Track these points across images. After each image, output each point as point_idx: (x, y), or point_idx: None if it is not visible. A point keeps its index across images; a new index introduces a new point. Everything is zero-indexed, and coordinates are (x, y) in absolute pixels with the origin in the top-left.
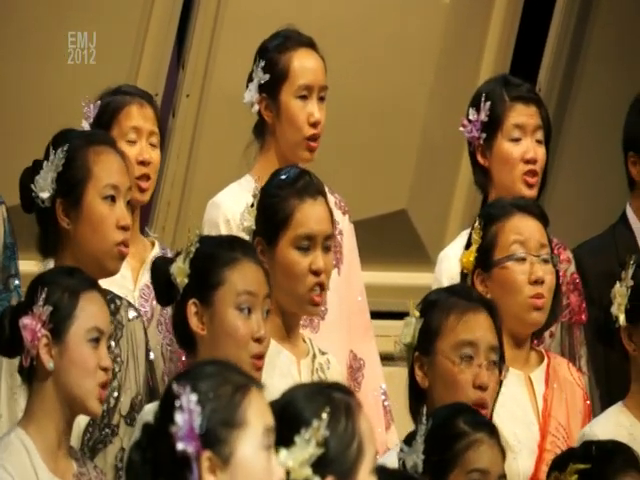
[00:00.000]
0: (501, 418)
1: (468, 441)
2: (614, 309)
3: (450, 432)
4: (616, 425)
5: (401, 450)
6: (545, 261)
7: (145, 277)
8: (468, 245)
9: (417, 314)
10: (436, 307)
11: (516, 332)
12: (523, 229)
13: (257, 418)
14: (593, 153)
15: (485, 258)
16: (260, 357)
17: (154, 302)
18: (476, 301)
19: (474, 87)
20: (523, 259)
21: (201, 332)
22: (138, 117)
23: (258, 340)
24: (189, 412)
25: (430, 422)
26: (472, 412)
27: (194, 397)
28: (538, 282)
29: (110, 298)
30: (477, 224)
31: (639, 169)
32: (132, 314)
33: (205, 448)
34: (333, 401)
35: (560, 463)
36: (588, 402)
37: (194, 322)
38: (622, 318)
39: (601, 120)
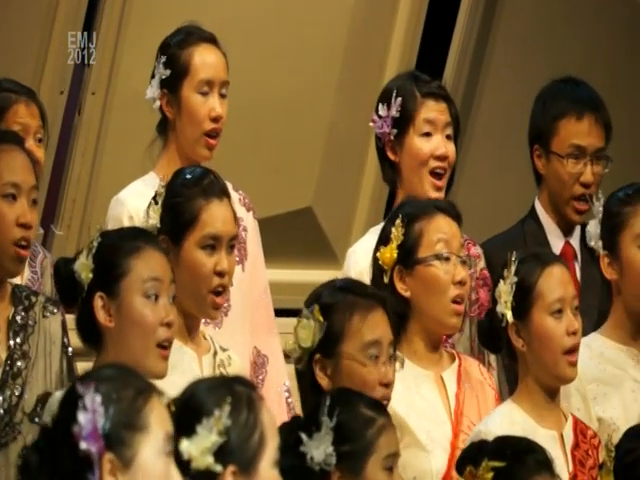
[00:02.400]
0: (414, 417)
1: (378, 427)
2: (500, 307)
3: (358, 420)
4: (510, 422)
5: (302, 443)
6: (463, 262)
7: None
8: (383, 241)
9: (321, 318)
10: (336, 309)
11: (433, 333)
12: (446, 229)
13: (158, 423)
14: (499, 149)
15: (408, 255)
16: (166, 346)
17: None
18: (372, 297)
19: (380, 83)
20: (447, 258)
21: (109, 324)
22: (25, 115)
23: (167, 324)
24: (93, 412)
25: (336, 412)
26: (366, 397)
27: (98, 398)
28: (461, 283)
29: (26, 295)
30: (399, 221)
31: (545, 162)
32: (50, 310)
33: (107, 450)
34: (235, 393)
35: (472, 456)
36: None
37: (101, 315)
38: (509, 315)
39: (506, 116)
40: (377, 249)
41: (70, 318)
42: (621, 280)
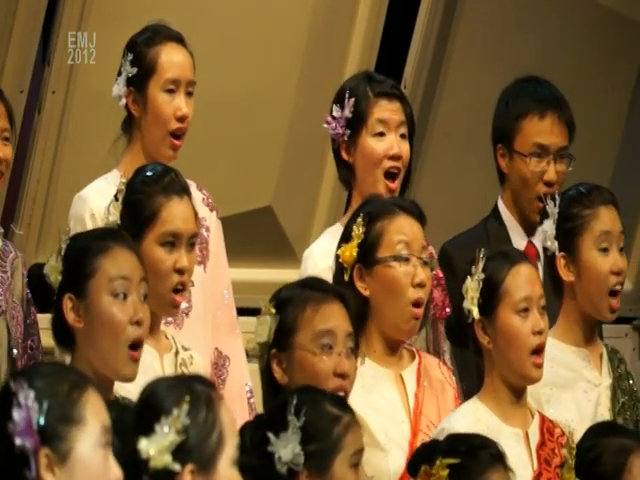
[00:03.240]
0: (372, 417)
1: (344, 424)
2: (466, 303)
3: (325, 418)
4: (474, 420)
5: (269, 443)
6: (425, 263)
7: None
8: (345, 239)
9: (273, 311)
10: (291, 302)
11: (391, 338)
12: (407, 230)
13: (94, 416)
14: (461, 148)
15: (368, 255)
16: (137, 346)
17: None
18: (329, 292)
19: (340, 83)
20: (407, 260)
21: (78, 325)
22: None
23: (137, 323)
24: (27, 408)
25: (303, 411)
26: (331, 395)
27: (32, 393)
28: (421, 285)
29: None
30: (360, 219)
31: (508, 162)
32: None
33: (43, 445)
34: (194, 392)
35: (426, 455)
36: (460, 401)
37: (71, 317)
38: (475, 311)
39: (468, 115)
40: (339, 246)
41: (44, 318)
42: (578, 282)
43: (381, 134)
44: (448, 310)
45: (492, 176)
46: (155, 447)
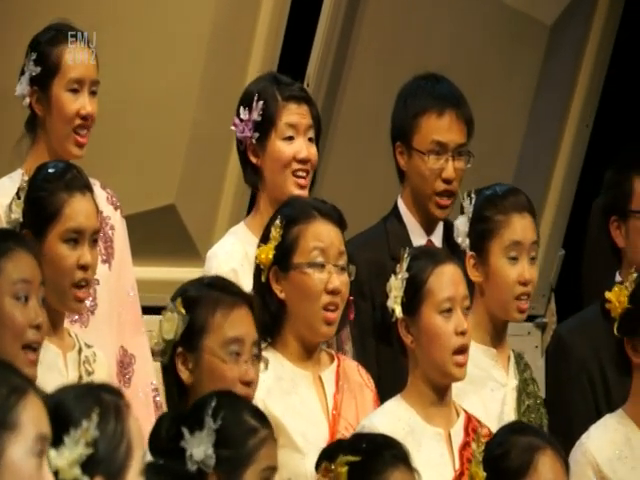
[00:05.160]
0: (290, 418)
1: (260, 438)
2: (390, 302)
3: (242, 427)
4: (395, 419)
5: (183, 438)
6: (342, 269)
7: None
8: (264, 239)
9: (183, 310)
10: (201, 303)
11: (307, 340)
12: (324, 236)
13: (31, 423)
14: (362, 146)
15: (284, 258)
16: (35, 349)
17: None
18: (238, 295)
19: (243, 83)
20: (322, 267)
21: None
22: None
23: (37, 327)
24: None
25: (221, 415)
26: (252, 406)
27: None
28: (334, 292)
29: None
30: (278, 221)
31: (407, 159)
32: None
33: None
34: (102, 402)
35: (329, 453)
36: (379, 404)
37: None
38: (398, 310)
39: (369, 114)
40: (259, 245)
41: None
42: (486, 284)
43: (290, 138)
44: (352, 312)
45: (393, 174)
46: (64, 460)
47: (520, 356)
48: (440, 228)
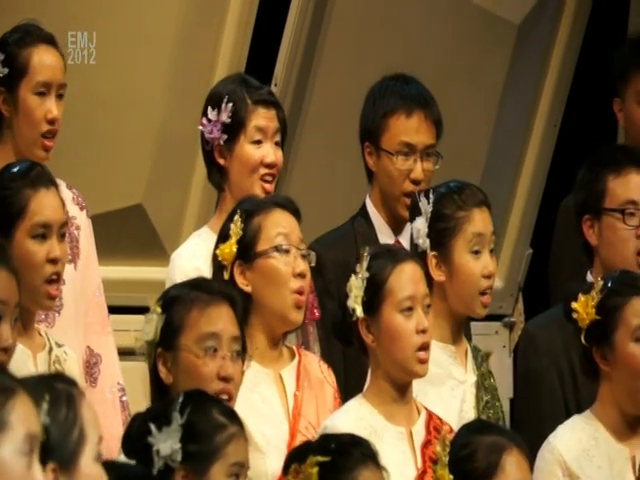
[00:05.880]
0: (251, 418)
1: (228, 434)
2: (350, 302)
3: (209, 423)
4: (357, 418)
5: (151, 435)
6: (304, 256)
7: None
8: (222, 238)
9: (159, 310)
10: (178, 302)
11: (273, 329)
12: (285, 223)
13: (20, 422)
14: (331, 146)
15: (248, 249)
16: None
17: None
18: (217, 293)
19: (211, 83)
20: (287, 251)
21: None
22: None
23: (5, 349)
24: None
25: (188, 410)
26: (222, 404)
27: None
28: (302, 275)
29: None
30: (237, 217)
31: (375, 160)
32: None
33: None
34: (54, 390)
35: (298, 455)
36: (339, 400)
37: None
38: (359, 310)
39: (338, 113)
40: (217, 246)
41: None
42: (448, 282)
43: (258, 142)
44: (317, 313)
45: (361, 174)
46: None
47: (477, 349)
48: (408, 228)
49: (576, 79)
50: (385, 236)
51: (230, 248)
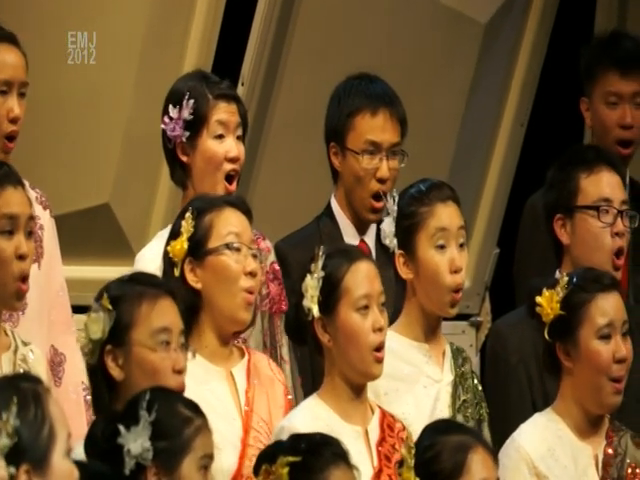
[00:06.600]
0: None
1: (195, 427)
2: (306, 301)
3: (177, 418)
4: (314, 418)
5: (120, 436)
6: (254, 256)
7: None
8: (174, 235)
9: (110, 307)
10: (125, 298)
11: (224, 328)
12: (237, 222)
13: None
14: (297, 145)
15: (199, 247)
16: None
17: None
18: (160, 287)
19: None
20: (238, 249)
21: None
22: None
23: None
24: None
25: (155, 408)
26: (184, 398)
27: None
28: (252, 274)
29: None
30: (189, 214)
31: (341, 160)
32: None
33: None
34: (20, 390)
35: (269, 455)
36: (290, 397)
37: None
38: (315, 309)
39: (304, 113)
40: (168, 243)
41: None
42: (416, 280)
43: (221, 136)
44: (285, 306)
45: (327, 174)
46: None
47: (459, 350)
48: (373, 228)
49: (543, 78)
50: (350, 236)
51: (181, 245)
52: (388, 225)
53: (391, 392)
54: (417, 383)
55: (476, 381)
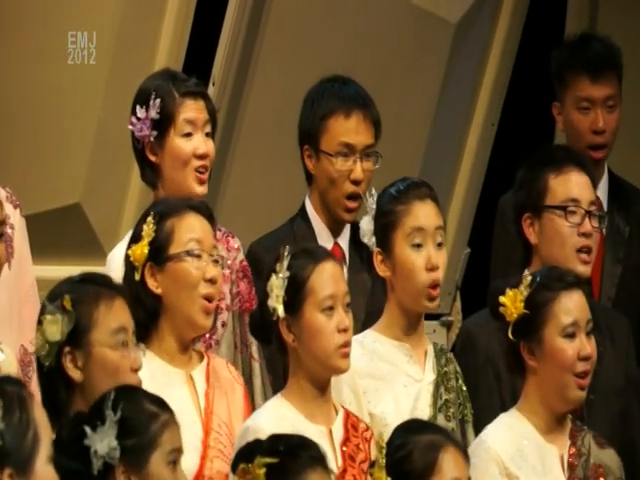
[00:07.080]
0: None
1: (161, 422)
2: (271, 301)
3: (143, 414)
4: (278, 418)
5: (86, 437)
6: (216, 262)
7: None
8: (135, 239)
9: (70, 309)
10: (82, 300)
11: (183, 333)
12: (198, 228)
13: None
14: (270, 146)
15: (159, 252)
16: None
17: None
18: (113, 287)
19: None
20: (199, 256)
21: None
22: None
23: None
24: None
25: (120, 406)
26: (149, 394)
27: None
28: (212, 281)
29: None
30: (150, 218)
31: (315, 162)
32: None
33: None
34: (5, 394)
35: (247, 454)
36: (249, 399)
37: None
38: (280, 310)
39: (276, 113)
40: (129, 247)
41: None
42: (394, 278)
43: (188, 134)
44: (255, 304)
45: (300, 175)
46: None
47: (443, 350)
48: (347, 230)
49: (513, 78)
50: (324, 239)
51: (142, 249)
52: (367, 223)
53: (370, 391)
54: (397, 382)
55: (460, 381)
